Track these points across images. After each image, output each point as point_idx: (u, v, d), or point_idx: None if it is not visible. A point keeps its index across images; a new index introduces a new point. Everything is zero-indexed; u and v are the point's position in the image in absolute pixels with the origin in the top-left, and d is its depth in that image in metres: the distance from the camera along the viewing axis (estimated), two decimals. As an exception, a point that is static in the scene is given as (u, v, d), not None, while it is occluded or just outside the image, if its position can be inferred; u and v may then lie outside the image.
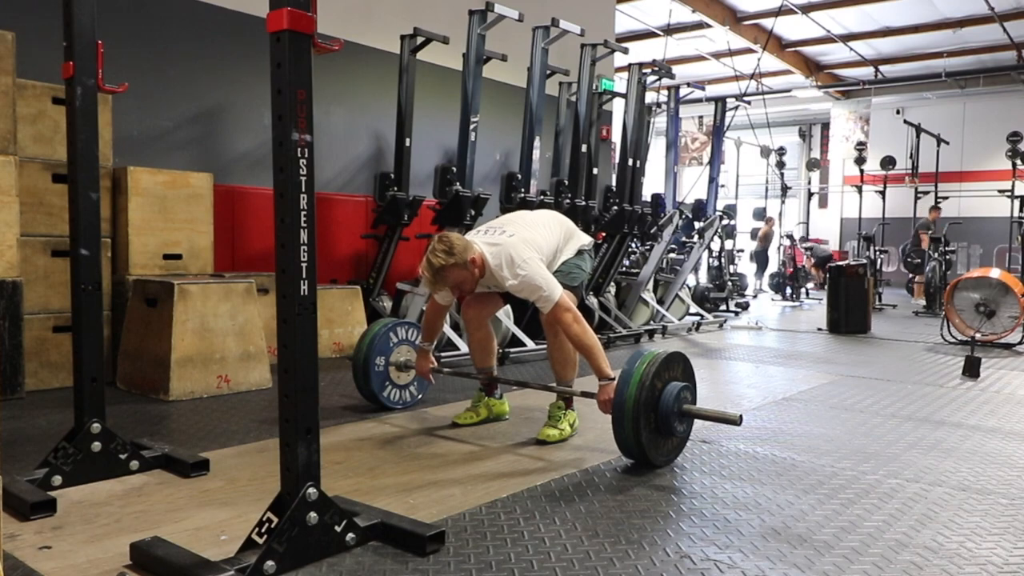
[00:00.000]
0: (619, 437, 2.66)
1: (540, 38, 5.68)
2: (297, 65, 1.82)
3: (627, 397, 2.60)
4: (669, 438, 2.73)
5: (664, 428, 2.67)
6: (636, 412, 2.58)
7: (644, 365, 2.66)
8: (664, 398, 2.66)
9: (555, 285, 2.89)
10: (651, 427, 2.65)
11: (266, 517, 1.87)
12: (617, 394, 2.64)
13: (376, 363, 3.50)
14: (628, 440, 2.63)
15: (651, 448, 2.65)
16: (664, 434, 2.70)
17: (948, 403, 4.00)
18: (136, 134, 4.76)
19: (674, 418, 2.66)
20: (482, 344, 3.38)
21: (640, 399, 2.59)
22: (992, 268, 7.87)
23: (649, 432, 2.64)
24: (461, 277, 2.90)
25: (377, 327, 3.56)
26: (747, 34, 13.17)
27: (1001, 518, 2.28)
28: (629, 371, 2.66)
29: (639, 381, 2.62)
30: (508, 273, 2.89)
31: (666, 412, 2.64)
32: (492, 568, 1.88)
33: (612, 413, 2.66)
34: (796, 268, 11.94)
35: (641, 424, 2.59)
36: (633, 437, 2.61)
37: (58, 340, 3.99)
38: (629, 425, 2.60)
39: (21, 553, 1.93)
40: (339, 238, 5.88)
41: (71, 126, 2.45)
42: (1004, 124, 13.31)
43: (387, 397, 3.57)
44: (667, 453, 2.75)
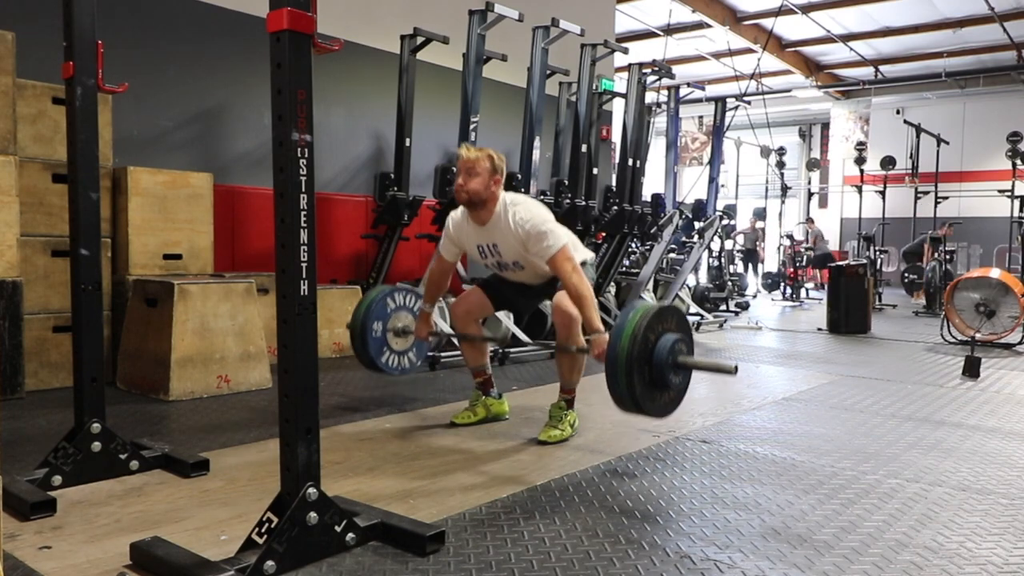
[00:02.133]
0: (613, 391, 2.58)
1: (540, 38, 5.68)
2: (297, 65, 1.82)
3: (619, 350, 2.52)
4: (664, 391, 2.64)
5: (659, 381, 2.58)
6: (629, 365, 2.50)
7: (636, 317, 2.58)
8: (658, 350, 2.56)
9: (561, 235, 2.97)
10: (645, 380, 2.56)
11: (266, 517, 1.87)
12: (610, 347, 2.56)
13: (373, 328, 3.43)
14: (623, 394, 2.55)
15: (646, 401, 2.57)
16: (659, 387, 2.60)
17: (948, 403, 4.00)
18: (136, 134, 4.76)
19: (669, 370, 2.57)
20: (473, 345, 3.38)
21: (633, 352, 2.50)
22: (992, 268, 7.88)
23: (644, 385, 2.55)
24: (481, 182, 2.98)
25: (374, 293, 3.50)
26: (747, 34, 13.17)
27: (1001, 518, 2.28)
28: (621, 323, 2.58)
29: (631, 333, 2.53)
30: (523, 215, 2.97)
31: (660, 364, 2.55)
32: (492, 568, 1.88)
33: (605, 367, 2.59)
34: (796, 268, 11.95)
35: (635, 377, 2.50)
36: (627, 391, 2.52)
37: (58, 340, 3.99)
38: (623, 379, 2.51)
39: (21, 553, 1.93)
40: (339, 238, 5.88)
41: (71, 126, 2.45)
42: (1004, 124, 13.31)
43: (385, 363, 3.48)
44: (663, 406, 2.65)
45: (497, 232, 3.05)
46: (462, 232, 3.18)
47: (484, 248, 3.14)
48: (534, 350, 5.38)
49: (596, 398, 4.00)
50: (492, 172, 3.00)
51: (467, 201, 3.03)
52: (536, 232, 2.94)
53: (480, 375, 3.43)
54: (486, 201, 3.02)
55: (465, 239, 3.19)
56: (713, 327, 7.74)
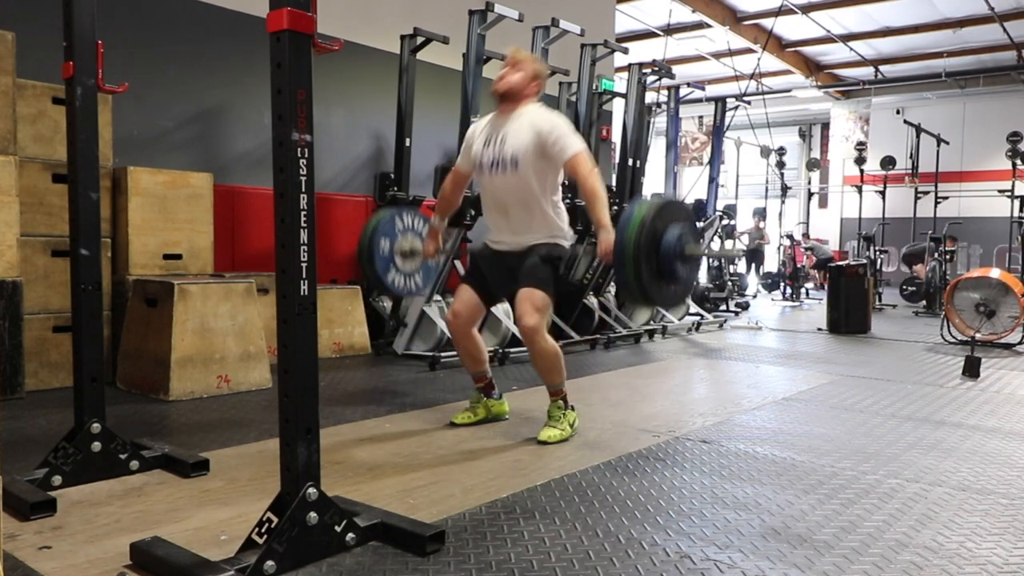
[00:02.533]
0: (621, 281, 2.61)
1: (540, 38, 5.67)
2: (297, 65, 1.82)
3: (627, 240, 2.53)
4: (673, 283, 2.65)
5: (667, 272, 2.59)
6: (637, 254, 2.51)
7: (643, 209, 2.59)
8: (665, 241, 2.58)
9: (581, 142, 3.05)
10: (653, 270, 2.56)
11: (266, 517, 1.87)
12: (617, 237, 2.57)
13: (381, 245, 3.44)
14: (631, 285, 2.56)
15: (655, 291, 2.58)
16: (667, 278, 2.61)
17: (948, 403, 4.00)
18: (136, 134, 4.76)
19: (677, 261, 2.58)
20: (469, 352, 3.34)
21: (640, 242, 2.51)
22: (992, 268, 7.87)
23: (651, 275, 2.56)
24: (522, 78, 3.10)
25: (384, 213, 3.54)
26: (747, 34, 13.17)
27: (1001, 518, 2.28)
28: (628, 215, 2.59)
29: (639, 223, 2.53)
30: (548, 116, 3.07)
31: (668, 255, 2.56)
32: (492, 568, 1.88)
33: (613, 259, 2.61)
34: (796, 268, 11.94)
35: (643, 267, 2.51)
36: (635, 281, 2.53)
37: (58, 340, 3.99)
38: (631, 268, 2.52)
39: (21, 553, 1.93)
40: (339, 238, 5.88)
41: (71, 126, 2.45)
42: (1004, 124, 13.31)
43: (391, 282, 3.48)
44: (672, 298, 2.68)
45: (514, 123, 3.09)
46: (477, 131, 3.24)
47: (491, 140, 3.14)
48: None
49: (596, 398, 4.01)
50: (534, 76, 3.14)
51: (503, 92, 3.13)
52: (559, 132, 3.01)
53: (481, 380, 3.41)
54: (519, 97, 3.12)
55: (478, 138, 3.21)
56: (713, 327, 7.73)
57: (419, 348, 5.26)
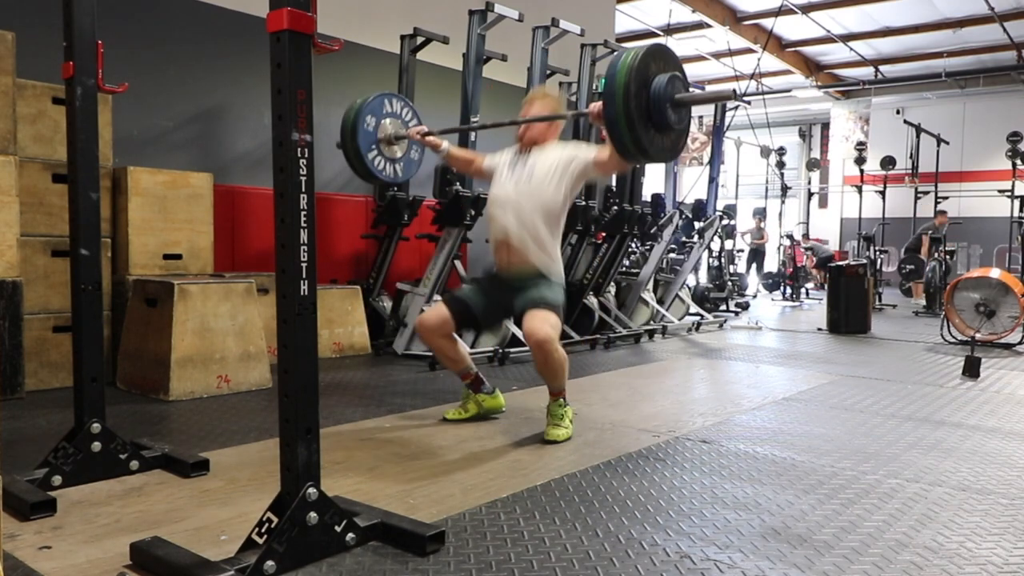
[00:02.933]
0: (615, 136, 2.55)
1: (540, 38, 5.68)
2: (297, 65, 1.82)
3: (616, 88, 2.48)
4: (666, 131, 2.59)
5: (659, 120, 2.53)
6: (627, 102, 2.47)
7: (631, 56, 2.54)
8: (655, 86, 2.53)
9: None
10: (644, 118, 2.51)
11: (266, 517, 1.87)
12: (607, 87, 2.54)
13: (366, 121, 3.38)
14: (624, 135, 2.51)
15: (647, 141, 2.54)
16: (659, 127, 2.56)
17: (948, 403, 4.00)
18: (136, 134, 4.76)
19: (668, 107, 2.52)
20: (445, 354, 3.34)
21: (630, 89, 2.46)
22: (992, 268, 7.87)
23: (643, 124, 2.51)
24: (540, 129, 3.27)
25: (373, 95, 3.48)
26: (747, 34, 13.17)
27: (1001, 518, 2.28)
28: (616, 63, 2.54)
29: (627, 70, 2.48)
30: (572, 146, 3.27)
31: (659, 100, 2.51)
32: (492, 568, 1.88)
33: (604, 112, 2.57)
34: (796, 268, 11.95)
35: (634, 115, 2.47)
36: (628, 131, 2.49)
37: (58, 340, 3.99)
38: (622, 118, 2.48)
39: (21, 553, 1.93)
40: (339, 238, 5.88)
41: (71, 126, 2.45)
42: (1004, 124, 13.32)
43: (372, 162, 3.40)
44: (666, 149, 2.63)
45: (541, 153, 3.24)
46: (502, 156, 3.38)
47: (516, 162, 3.30)
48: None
49: (596, 398, 4.01)
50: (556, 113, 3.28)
51: (530, 143, 3.27)
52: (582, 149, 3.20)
53: (466, 376, 3.41)
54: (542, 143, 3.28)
55: (500, 160, 3.37)
56: (713, 327, 7.74)
57: (419, 348, 5.26)
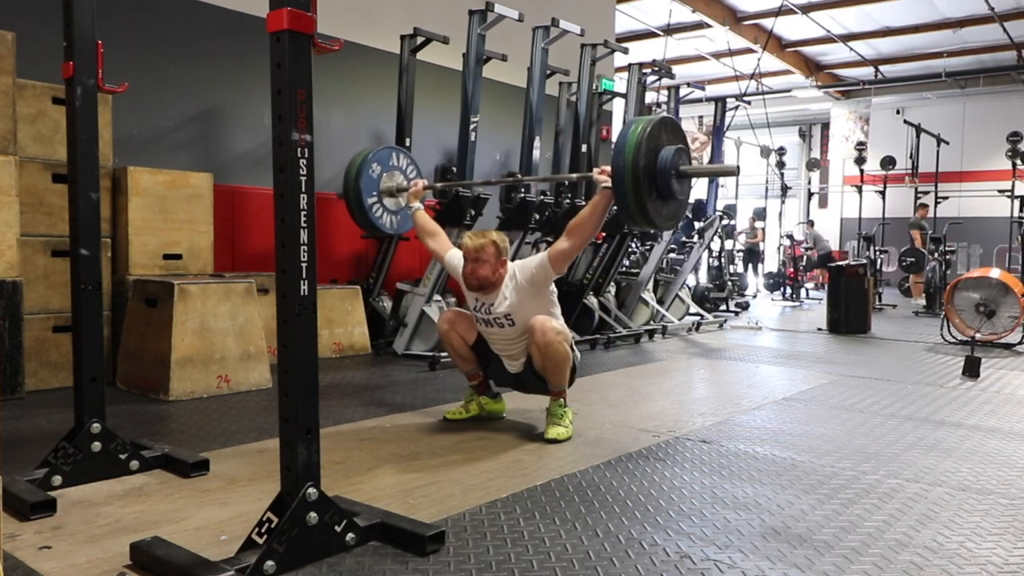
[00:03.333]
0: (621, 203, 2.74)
1: (540, 38, 5.67)
2: (297, 65, 1.82)
3: (625, 161, 2.67)
4: (669, 200, 2.79)
5: (663, 190, 2.73)
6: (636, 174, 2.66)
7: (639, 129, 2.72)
8: (661, 159, 2.71)
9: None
10: (650, 189, 2.71)
11: (266, 517, 1.87)
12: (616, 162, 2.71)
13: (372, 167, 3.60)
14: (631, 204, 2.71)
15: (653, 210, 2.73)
16: (664, 196, 2.75)
17: (948, 403, 4.00)
18: (136, 134, 4.76)
19: (672, 178, 2.71)
20: (459, 352, 3.36)
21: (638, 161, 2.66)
22: (992, 268, 7.87)
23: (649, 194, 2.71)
24: (489, 268, 3.13)
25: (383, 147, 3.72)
26: (747, 34, 13.17)
27: (1001, 518, 2.28)
28: (624, 136, 2.72)
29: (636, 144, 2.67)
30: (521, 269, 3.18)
31: (664, 173, 2.70)
32: (492, 568, 1.88)
33: (613, 182, 2.76)
34: (796, 259, 11.94)
35: (642, 186, 2.66)
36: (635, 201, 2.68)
37: (58, 340, 3.99)
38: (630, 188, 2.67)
39: (21, 553, 1.93)
40: (339, 238, 5.88)
41: (71, 126, 2.45)
42: (1004, 124, 13.31)
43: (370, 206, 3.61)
44: (669, 216, 2.83)
45: (498, 296, 3.17)
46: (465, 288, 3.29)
47: (480, 306, 3.24)
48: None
49: (596, 398, 4.01)
50: (498, 256, 3.15)
51: (477, 287, 3.16)
52: (534, 260, 3.17)
53: (474, 378, 3.43)
54: (494, 284, 3.16)
55: (466, 291, 3.30)
56: (713, 327, 7.74)
57: (419, 348, 5.26)
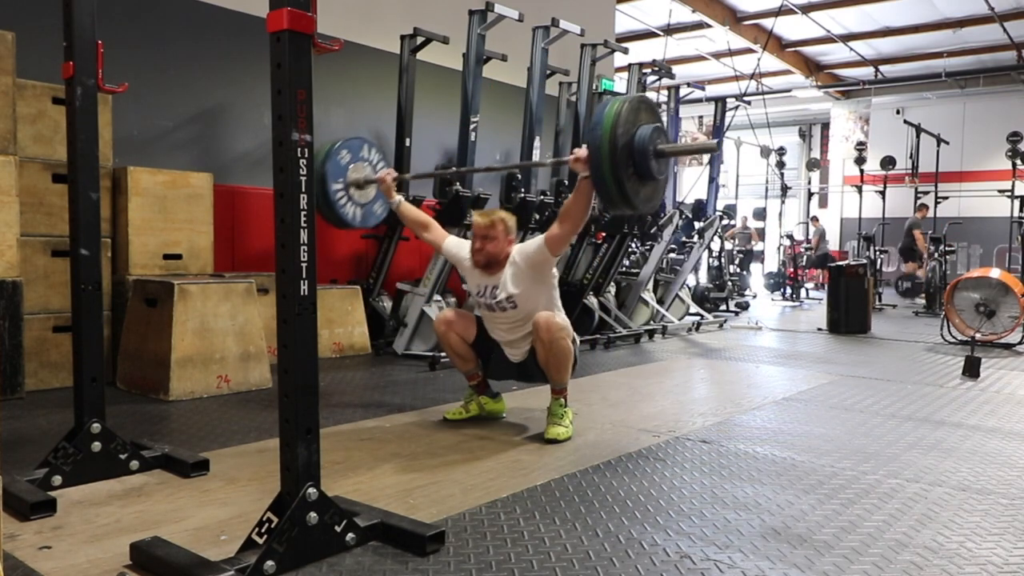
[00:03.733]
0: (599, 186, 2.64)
1: (540, 38, 5.67)
2: (297, 65, 1.82)
3: (602, 139, 2.57)
4: (649, 181, 2.69)
5: (642, 170, 2.64)
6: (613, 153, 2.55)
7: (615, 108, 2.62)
8: (638, 138, 2.62)
9: None
10: (628, 169, 2.62)
11: (266, 517, 1.87)
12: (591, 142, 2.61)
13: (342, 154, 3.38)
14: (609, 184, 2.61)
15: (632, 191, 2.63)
16: (642, 176, 2.66)
17: (948, 403, 4.00)
18: (136, 134, 4.76)
19: (651, 158, 2.62)
20: (458, 352, 3.37)
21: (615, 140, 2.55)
22: (992, 268, 7.87)
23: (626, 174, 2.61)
24: (497, 245, 3.16)
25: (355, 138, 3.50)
26: (747, 34, 13.17)
27: (1001, 518, 2.28)
28: (600, 116, 2.62)
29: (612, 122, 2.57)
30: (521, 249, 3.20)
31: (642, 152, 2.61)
32: (492, 568, 1.88)
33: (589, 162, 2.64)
34: (796, 268, 11.94)
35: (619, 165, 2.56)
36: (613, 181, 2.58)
37: (58, 340, 3.99)
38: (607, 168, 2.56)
39: (21, 553, 1.93)
40: (339, 238, 5.88)
41: (71, 126, 2.45)
42: (1004, 124, 13.31)
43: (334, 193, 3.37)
44: (648, 198, 2.72)
45: (500, 278, 3.19)
46: (467, 263, 3.30)
47: (483, 288, 3.25)
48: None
49: (595, 398, 4.00)
50: (506, 233, 3.18)
51: (485, 264, 3.18)
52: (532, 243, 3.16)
53: (473, 378, 3.44)
54: (500, 263, 3.19)
55: (467, 269, 3.31)
56: (713, 327, 7.74)
57: (419, 348, 5.26)
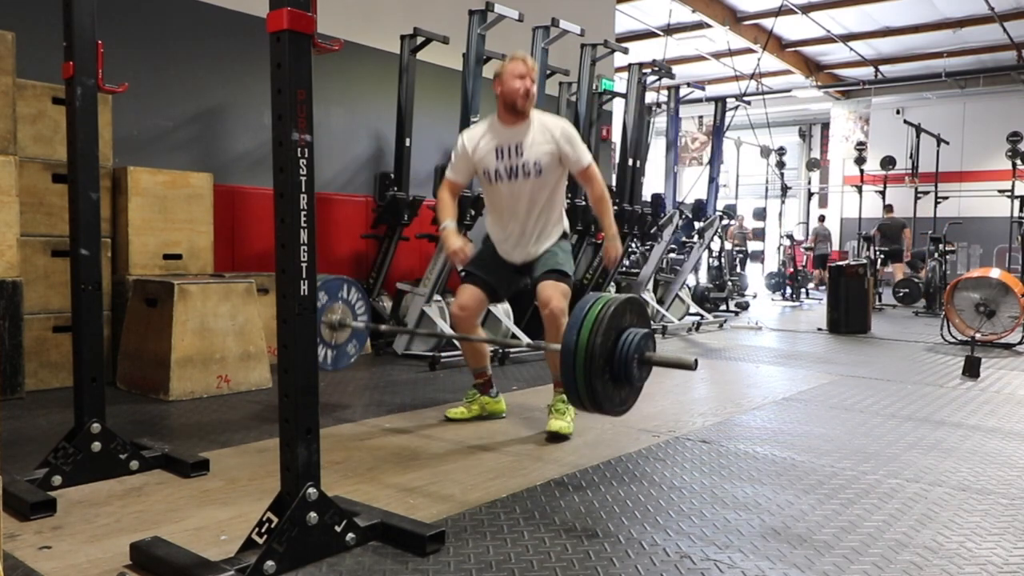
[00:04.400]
0: (568, 389, 2.42)
1: (540, 38, 5.67)
2: (297, 65, 1.82)
3: (579, 344, 2.35)
4: (625, 385, 2.48)
5: (621, 375, 2.42)
6: (589, 359, 2.34)
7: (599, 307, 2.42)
8: (623, 342, 2.41)
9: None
10: (604, 373, 2.39)
11: (266, 517, 1.87)
12: (567, 336, 2.41)
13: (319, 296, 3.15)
14: (579, 388, 2.38)
15: (603, 395, 2.41)
16: (620, 381, 2.45)
17: (948, 403, 4.00)
18: (136, 134, 4.76)
19: (634, 364, 2.42)
20: (474, 346, 3.39)
21: (594, 345, 2.33)
22: (992, 268, 7.88)
23: (601, 378, 2.38)
24: (536, 87, 3.17)
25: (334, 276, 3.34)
26: (747, 34, 13.18)
27: (1001, 518, 2.28)
28: (581, 312, 2.42)
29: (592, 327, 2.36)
30: (556, 119, 3.23)
31: (625, 358, 2.40)
32: (492, 568, 1.88)
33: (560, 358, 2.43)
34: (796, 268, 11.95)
35: (593, 370, 2.34)
36: (585, 386, 2.37)
37: (58, 340, 3.98)
38: (580, 371, 2.35)
39: (21, 553, 1.93)
40: (339, 238, 5.88)
41: (71, 126, 2.45)
42: (1004, 124, 13.32)
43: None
44: (622, 403, 2.51)
45: (527, 133, 3.15)
46: (480, 141, 3.21)
47: (505, 150, 3.17)
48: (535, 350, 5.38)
49: (596, 398, 4.00)
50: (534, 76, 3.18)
51: (523, 103, 3.10)
52: (575, 141, 3.17)
53: (481, 376, 3.44)
54: (528, 112, 3.15)
55: (482, 147, 3.20)
56: (713, 327, 7.74)
57: (419, 348, 5.26)
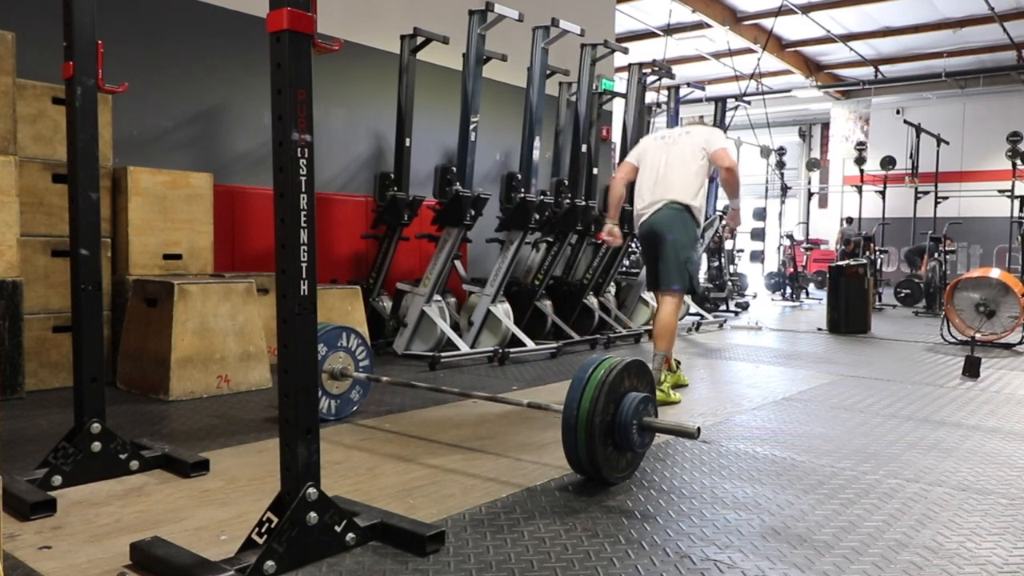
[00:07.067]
0: (569, 451, 2.41)
1: (540, 38, 5.67)
2: (297, 65, 1.82)
3: (580, 409, 2.35)
4: (627, 451, 2.49)
5: (622, 441, 2.44)
6: (591, 425, 2.34)
7: (601, 372, 2.42)
8: (624, 406, 2.41)
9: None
10: (605, 439, 2.40)
11: (266, 517, 1.87)
12: (567, 405, 2.40)
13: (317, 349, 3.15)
14: (580, 452, 2.40)
15: (603, 459, 2.42)
16: (620, 447, 2.46)
17: (948, 403, 4.00)
18: (136, 134, 4.76)
19: (633, 429, 2.42)
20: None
21: (595, 412, 2.33)
22: (992, 268, 7.87)
23: (603, 443, 2.40)
24: None
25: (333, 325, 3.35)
26: (747, 34, 13.17)
27: (1001, 518, 2.29)
28: (582, 378, 2.41)
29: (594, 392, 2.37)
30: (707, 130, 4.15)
31: (625, 423, 2.41)
32: (492, 568, 1.88)
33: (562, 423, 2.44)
34: (796, 268, 11.95)
35: (596, 438, 2.35)
36: (587, 453, 2.38)
37: (58, 340, 3.99)
38: (583, 438, 2.35)
39: (21, 553, 1.93)
40: (339, 238, 5.88)
41: (71, 126, 2.45)
42: (1004, 124, 13.32)
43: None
44: (623, 468, 2.51)
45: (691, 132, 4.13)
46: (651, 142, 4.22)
47: (668, 136, 4.18)
48: (535, 350, 5.38)
49: (596, 398, 4.00)
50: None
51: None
52: (718, 133, 4.11)
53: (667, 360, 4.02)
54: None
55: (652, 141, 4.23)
56: (713, 327, 7.74)
57: (419, 348, 5.26)
